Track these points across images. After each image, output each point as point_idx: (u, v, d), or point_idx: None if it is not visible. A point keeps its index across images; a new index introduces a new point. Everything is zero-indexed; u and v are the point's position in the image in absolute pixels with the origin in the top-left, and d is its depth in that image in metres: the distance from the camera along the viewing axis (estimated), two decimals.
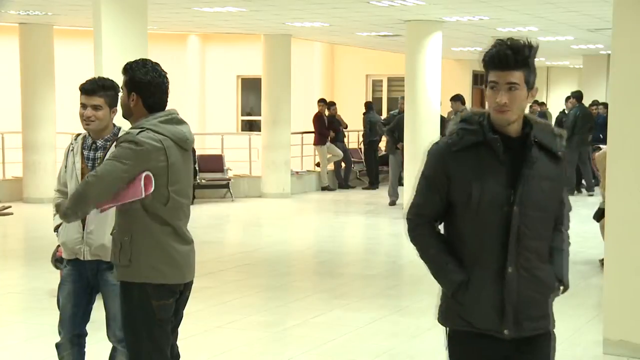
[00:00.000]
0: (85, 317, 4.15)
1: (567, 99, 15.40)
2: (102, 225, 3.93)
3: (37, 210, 12.33)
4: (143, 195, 3.44)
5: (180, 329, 3.77)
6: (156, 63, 3.68)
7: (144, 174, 3.44)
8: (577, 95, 14.91)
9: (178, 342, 3.75)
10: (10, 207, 3.81)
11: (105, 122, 4.05)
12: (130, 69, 3.60)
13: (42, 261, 5.12)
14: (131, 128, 3.56)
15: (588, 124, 14.41)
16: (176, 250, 3.59)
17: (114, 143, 3.67)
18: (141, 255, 3.52)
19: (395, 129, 13.23)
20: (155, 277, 3.54)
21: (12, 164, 13.82)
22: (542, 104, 19.21)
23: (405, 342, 5.94)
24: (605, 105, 14.67)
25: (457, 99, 12.91)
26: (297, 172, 15.68)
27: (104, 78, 4.13)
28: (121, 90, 3.68)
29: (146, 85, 3.57)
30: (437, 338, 6.09)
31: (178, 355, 3.78)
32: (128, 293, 3.57)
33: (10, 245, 10.58)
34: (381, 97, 20.64)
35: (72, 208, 3.59)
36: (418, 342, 5.98)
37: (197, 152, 14.10)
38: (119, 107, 3.87)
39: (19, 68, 13.67)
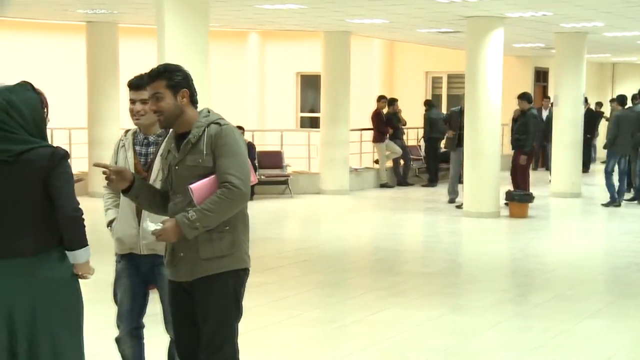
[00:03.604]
0: (142, 310, 4.22)
1: (612, 101, 14.97)
2: (157, 219, 3.96)
3: (102, 205, 12.58)
4: (256, 181, 3.62)
5: (239, 324, 3.80)
6: None
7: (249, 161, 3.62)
8: (620, 99, 14.46)
9: (238, 337, 3.79)
10: (81, 179, 3.97)
11: (154, 116, 4.07)
12: (167, 71, 3.60)
13: (105, 254, 5.23)
14: (212, 122, 3.57)
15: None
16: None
17: (202, 138, 3.57)
18: (241, 242, 3.60)
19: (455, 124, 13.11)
20: (247, 262, 3.65)
21: (79, 159, 14.15)
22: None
23: (464, 341, 5.89)
24: None
25: (524, 97, 12.72)
26: (355, 169, 15.67)
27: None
28: (154, 99, 3.59)
29: (189, 81, 3.62)
30: (496, 337, 6.04)
31: None
32: (225, 282, 3.57)
33: None
34: (441, 95, 20.47)
35: (220, 219, 3.50)
36: (477, 340, 5.93)
37: (257, 149, 14.22)
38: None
39: (85, 66, 14.00)
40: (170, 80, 3.58)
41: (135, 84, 4.04)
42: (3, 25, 15.72)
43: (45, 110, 3.49)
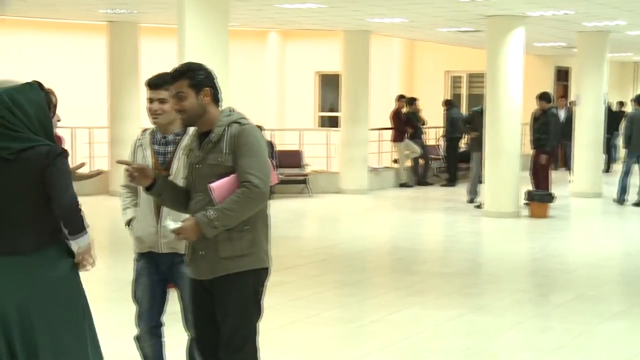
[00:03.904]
0: (162, 309, 4.23)
1: (633, 100, 14.82)
2: (177, 218, 3.93)
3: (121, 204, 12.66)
4: (277, 181, 3.64)
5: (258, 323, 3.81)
6: None
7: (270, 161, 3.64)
8: (638, 99, 14.33)
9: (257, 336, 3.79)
10: (100, 171, 4.01)
11: (172, 115, 4.03)
12: (190, 70, 3.61)
13: (125, 253, 5.27)
14: (234, 122, 3.58)
15: None
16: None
17: (223, 137, 3.59)
18: (261, 241, 3.61)
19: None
20: (267, 261, 3.65)
21: (100, 157, 14.26)
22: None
23: (484, 341, 5.86)
24: None
25: (543, 97, 12.64)
26: (374, 169, 15.65)
27: (169, 72, 4.18)
28: (177, 99, 3.61)
29: (212, 80, 3.64)
30: (517, 337, 6.01)
31: None
32: (243, 282, 3.58)
33: (96, 237, 10.86)
34: (461, 94, 20.38)
35: (240, 218, 3.51)
36: (497, 341, 5.90)
37: (276, 148, 14.24)
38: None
39: (107, 65, 14.08)
40: (192, 79, 3.59)
41: (154, 83, 4.05)
42: (26, 25, 15.86)
43: (53, 109, 3.49)
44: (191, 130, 4.06)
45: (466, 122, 13.92)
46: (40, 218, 3.35)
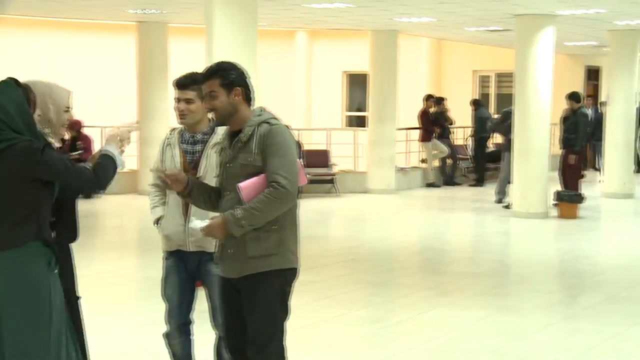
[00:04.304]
0: (190, 306, 4.26)
1: None
2: (204, 216, 3.94)
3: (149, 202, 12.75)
4: (307, 181, 3.64)
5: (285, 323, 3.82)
6: None
7: (300, 161, 3.63)
8: None
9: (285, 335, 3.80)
10: (137, 123, 4.01)
11: (199, 115, 4.09)
12: (222, 69, 3.64)
13: (154, 251, 5.30)
14: (263, 122, 3.58)
15: None
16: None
17: (253, 137, 3.59)
18: (288, 241, 3.62)
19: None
20: (294, 261, 3.66)
21: (129, 156, 14.34)
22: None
23: (512, 342, 5.83)
24: None
25: (573, 97, 12.53)
26: (402, 169, 15.62)
27: (197, 72, 4.14)
28: (209, 97, 3.62)
29: (245, 80, 3.65)
30: (546, 339, 5.96)
31: None
32: (269, 282, 3.58)
33: (125, 236, 11.02)
34: (489, 94, 20.26)
35: (267, 218, 3.53)
36: (526, 342, 5.85)
37: (304, 147, 14.26)
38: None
39: (136, 65, 14.20)
40: (224, 78, 3.62)
41: (181, 83, 4.09)
42: (57, 25, 16.03)
43: (33, 105, 3.42)
44: (219, 129, 4.10)
45: (501, 122, 13.63)
46: (21, 216, 3.28)
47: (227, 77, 3.62)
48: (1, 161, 3.26)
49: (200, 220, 3.64)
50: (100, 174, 3.43)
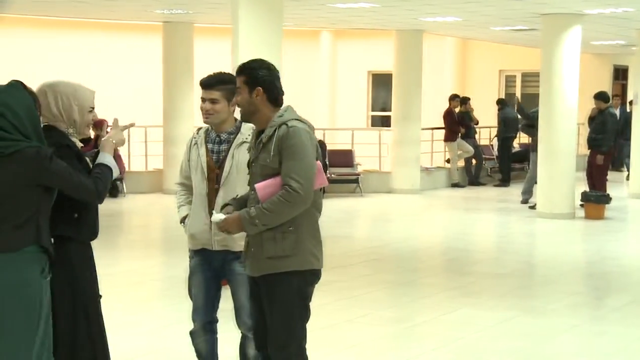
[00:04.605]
0: (216, 305, 4.28)
1: None
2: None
3: (175, 201, 12.83)
4: (327, 183, 3.63)
5: (309, 322, 3.82)
6: (269, 61, 3.77)
7: (319, 163, 3.62)
8: None
9: (308, 335, 3.81)
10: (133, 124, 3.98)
11: (224, 115, 4.11)
12: (249, 67, 3.67)
13: (179, 250, 5.35)
14: (283, 123, 3.59)
15: None
16: (320, 235, 3.73)
17: (272, 138, 3.62)
18: (306, 243, 3.62)
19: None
20: (315, 263, 3.66)
21: (154, 156, 14.48)
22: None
23: (538, 344, 5.79)
24: None
25: (600, 96, 12.41)
26: (426, 168, 15.57)
27: (223, 72, 4.19)
28: (238, 93, 3.68)
29: (270, 80, 3.66)
30: (572, 341, 5.91)
31: None
32: (287, 282, 3.61)
33: (150, 235, 11.09)
34: (514, 93, 20.13)
35: (279, 220, 3.56)
36: (552, 344, 5.81)
37: (328, 147, 14.26)
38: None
39: (162, 65, 14.29)
40: (248, 76, 3.65)
41: (206, 83, 4.11)
42: (83, 25, 16.18)
43: (39, 108, 3.41)
44: (244, 129, 4.13)
45: (531, 124, 13.44)
46: (21, 221, 3.27)
47: (252, 76, 3.65)
48: (7, 164, 3.24)
49: (220, 214, 3.70)
50: (100, 187, 3.43)
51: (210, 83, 4.10)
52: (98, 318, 3.63)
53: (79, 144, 3.62)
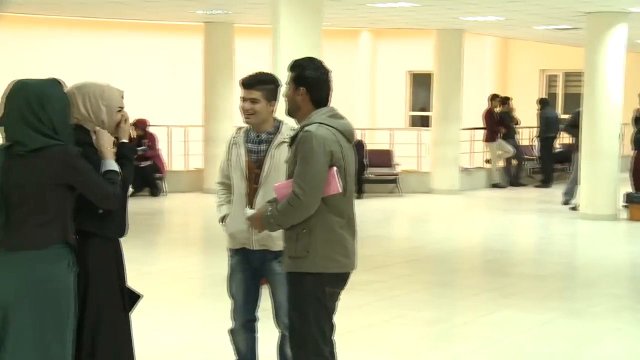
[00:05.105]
0: (256, 304, 4.31)
1: None
2: None
3: (215, 201, 12.93)
4: (340, 190, 3.60)
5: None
6: (321, 61, 3.78)
7: (334, 169, 3.60)
8: None
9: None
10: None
11: (264, 115, 4.13)
12: (299, 65, 3.73)
13: (219, 249, 5.38)
14: (305, 125, 3.65)
15: None
16: (349, 241, 3.72)
17: (289, 142, 3.74)
18: (318, 246, 3.63)
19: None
20: (331, 266, 3.66)
21: (194, 155, 14.61)
22: None
23: (579, 347, 5.71)
24: None
25: None
26: (466, 169, 15.45)
27: (263, 73, 4.23)
28: (286, 86, 3.77)
29: (315, 81, 3.69)
30: (615, 344, 5.82)
31: (333, 344, 3.85)
32: (301, 282, 3.67)
33: (191, 234, 11.19)
34: (556, 93, 19.88)
35: (287, 222, 3.63)
36: (594, 347, 5.73)
37: (367, 147, 14.24)
38: (281, 101, 3.97)
39: (202, 65, 14.41)
40: (295, 74, 3.72)
41: (247, 83, 4.13)
42: (125, 27, 16.38)
43: (70, 109, 3.45)
44: (284, 129, 4.15)
45: (574, 124, 13.21)
46: (49, 217, 3.31)
47: (298, 74, 3.71)
48: (35, 160, 3.27)
49: (250, 210, 3.83)
50: (117, 191, 3.43)
51: (250, 83, 4.12)
52: (114, 321, 3.55)
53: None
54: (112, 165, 3.48)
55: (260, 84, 4.11)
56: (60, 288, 3.33)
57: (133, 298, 3.71)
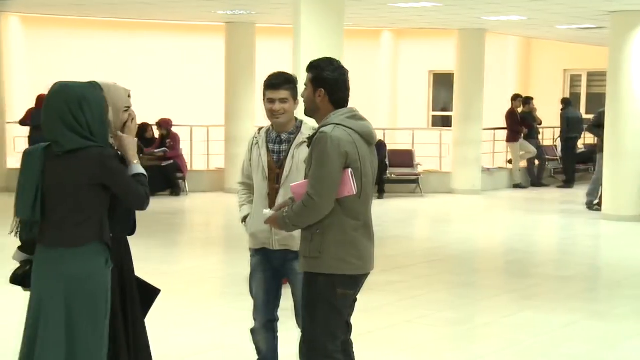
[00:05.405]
0: (277, 303, 4.32)
1: None
2: None
3: (237, 201, 12.96)
4: (354, 192, 3.59)
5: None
6: (339, 62, 3.78)
7: (349, 170, 3.59)
8: None
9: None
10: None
11: (292, 114, 4.17)
12: (317, 66, 3.72)
13: (240, 248, 5.40)
14: (322, 126, 3.65)
15: None
16: (364, 244, 3.70)
17: (307, 142, 3.74)
18: (331, 248, 3.63)
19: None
20: (343, 268, 3.66)
21: (216, 155, 14.66)
22: None
23: (602, 350, 5.66)
24: None
25: None
26: (488, 169, 15.38)
27: (285, 72, 4.24)
28: (304, 87, 3.76)
29: (334, 82, 3.69)
30: (638, 347, 5.76)
31: (351, 344, 3.86)
32: (313, 283, 3.68)
33: (212, 233, 11.23)
34: (580, 93, 19.73)
35: (303, 222, 3.65)
36: (617, 350, 5.68)
37: (388, 147, 14.22)
38: (300, 101, 3.99)
39: (224, 65, 14.45)
40: (314, 75, 3.72)
41: (275, 84, 4.14)
42: (147, 27, 16.48)
43: (106, 111, 3.50)
44: (304, 129, 4.16)
45: (598, 124, 13.11)
46: (85, 215, 3.38)
47: (317, 75, 3.71)
48: (71, 161, 3.35)
49: (268, 210, 3.83)
50: (149, 194, 3.50)
51: (278, 83, 4.15)
52: (129, 311, 3.62)
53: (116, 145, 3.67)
54: (138, 168, 3.53)
55: (286, 84, 4.14)
56: (98, 285, 3.41)
57: (150, 293, 3.75)
